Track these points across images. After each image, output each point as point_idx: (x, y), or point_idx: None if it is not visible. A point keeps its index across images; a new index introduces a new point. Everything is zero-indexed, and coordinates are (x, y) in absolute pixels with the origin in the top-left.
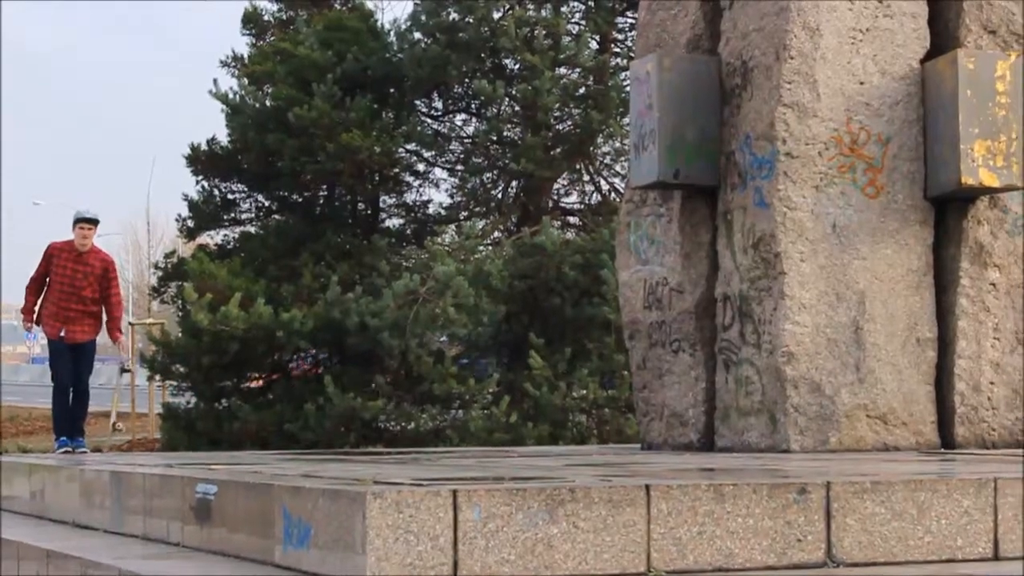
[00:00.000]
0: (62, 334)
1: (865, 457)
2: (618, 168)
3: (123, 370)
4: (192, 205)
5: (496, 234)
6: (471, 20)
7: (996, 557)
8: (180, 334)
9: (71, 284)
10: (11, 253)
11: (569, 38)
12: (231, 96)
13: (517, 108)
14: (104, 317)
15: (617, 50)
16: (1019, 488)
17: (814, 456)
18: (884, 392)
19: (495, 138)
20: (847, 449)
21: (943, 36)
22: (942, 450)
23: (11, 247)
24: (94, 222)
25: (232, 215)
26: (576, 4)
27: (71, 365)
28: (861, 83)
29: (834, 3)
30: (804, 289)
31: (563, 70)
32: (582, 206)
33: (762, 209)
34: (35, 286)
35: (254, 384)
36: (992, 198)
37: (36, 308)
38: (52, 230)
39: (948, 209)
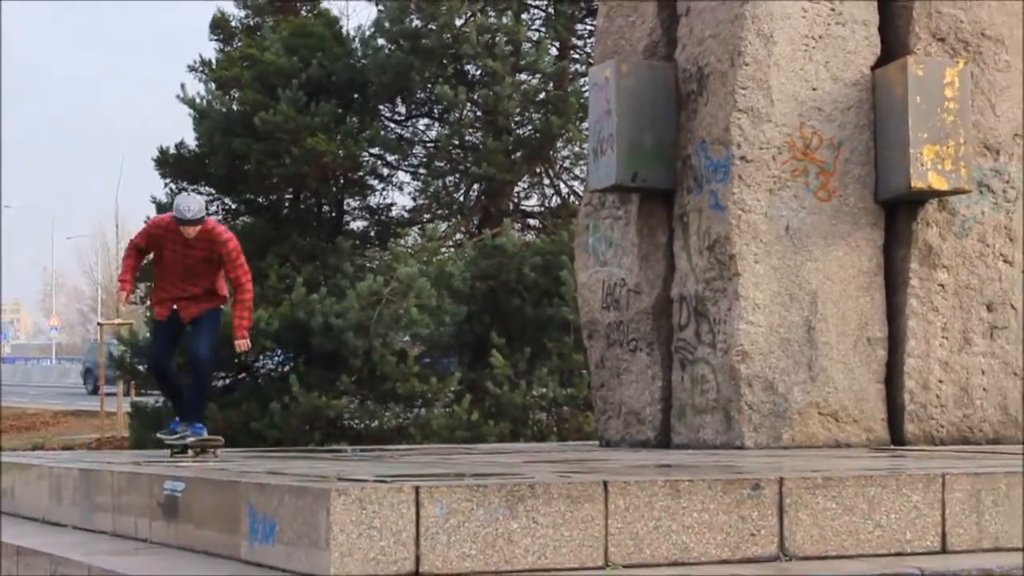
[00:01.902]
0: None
1: (817, 453)
2: (577, 172)
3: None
4: (160, 207)
5: (458, 236)
6: (434, 27)
7: (944, 550)
8: (148, 335)
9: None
10: None
11: (529, 45)
12: (198, 101)
13: (479, 113)
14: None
15: (576, 56)
16: (966, 483)
17: (768, 452)
18: (836, 390)
19: (457, 142)
20: (800, 446)
21: (893, 43)
22: (892, 446)
23: None
24: (194, 222)
25: None
26: (536, 11)
27: (169, 347)
28: (814, 89)
29: (788, 11)
30: (758, 290)
31: (524, 76)
32: (542, 209)
33: (717, 212)
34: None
35: (221, 384)
36: (941, 201)
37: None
38: (24, 231)
39: (898, 212)
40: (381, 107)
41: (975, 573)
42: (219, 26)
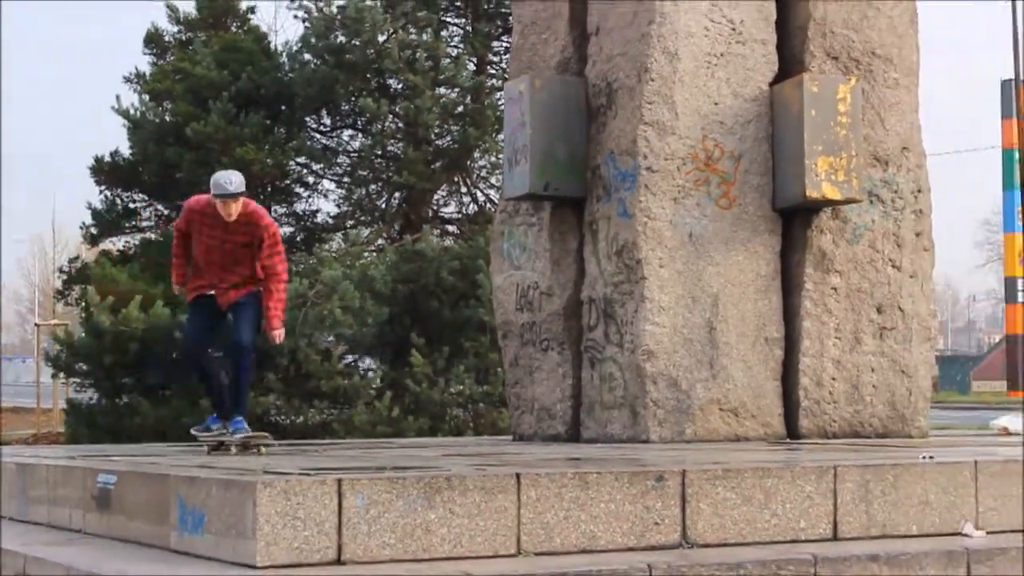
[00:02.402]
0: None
1: (718, 447)
2: (493, 180)
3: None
4: (95, 213)
5: (380, 241)
6: (358, 43)
7: (835, 538)
8: (83, 334)
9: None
10: None
11: (448, 60)
12: (132, 112)
13: (400, 124)
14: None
15: (493, 71)
16: (856, 475)
17: (671, 446)
18: (735, 387)
19: (379, 152)
20: (701, 440)
21: (790, 61)
22: (788, 440)
23: None
24: (235, 195)
25: (133, 223)
26: (455, 29)
27: (208, 322)
28: (716, 104)
29: (691, 30)
30: (663, 293)
31: (443, 90)
32: (460, 215)
33: (625, 219)
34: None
35: (153, 381)
36: (834, 210)
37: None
38: None
39: (794, 219)
40: (307, 119)
41: (864, 558)
42: (153, 40)
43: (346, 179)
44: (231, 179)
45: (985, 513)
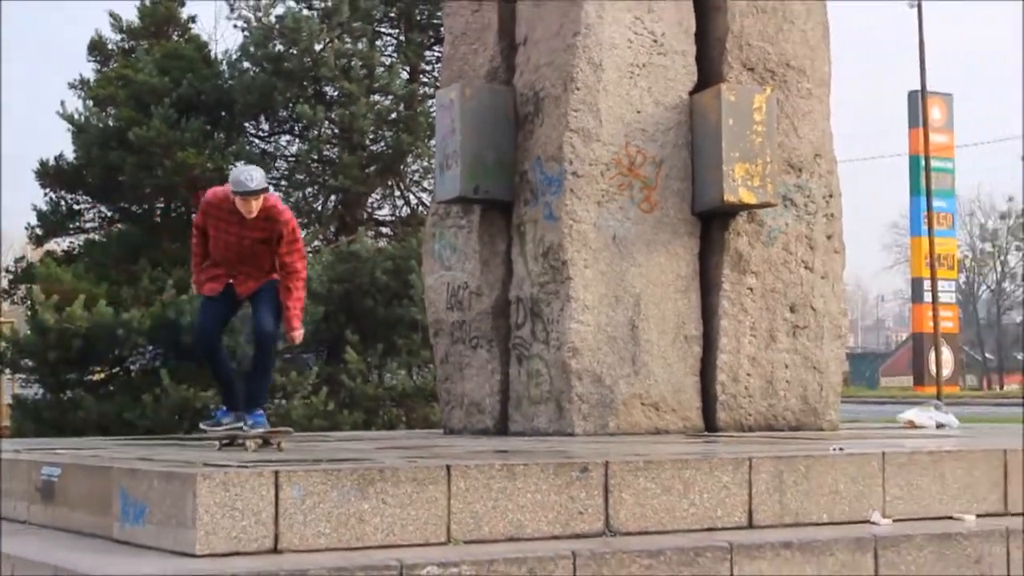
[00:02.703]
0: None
1: (639, 440)
2: (425, 184)
3: None
4: (41, 215)
5: (316, 243)
6: (295, 51)
7: (751, 525)
8: (28, 332)
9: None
10: None
11: (382, 69)
12: (77, 116)
13: (336, 130)
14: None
15: (425, 80)
16: (770, 466)
17: (595, 439)
18: (656, 383)
19: (316, 157)
20: (624, 433)
21: (709, 71)
22: (706, 433)
23: None
24: (256, 193)
25: (77, 224)
26: (389, 39)
27: (218, 320)
28: (638, 112)
29: (615, 41)
30: (587, 292)
31: (377, 97)
32: (393, 218)
33: (551, 222)
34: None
35: (96, 377)
36: (750, 213)
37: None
38: None
39: (712, 223)
40: (246, 124)
41: (777, 545)
42: (96, 48)
43: (284, 183)
44: (252, 175)
45: (892, 502)
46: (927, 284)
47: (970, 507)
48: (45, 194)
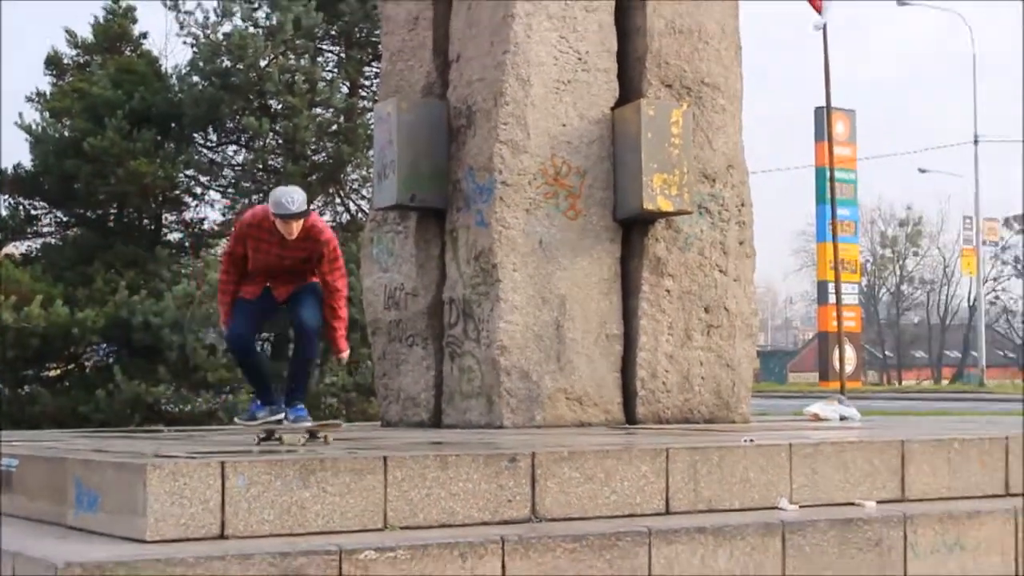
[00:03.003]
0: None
1: (564, 432)
2: (364, 192)
3: None
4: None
5: None
6: (241, 67)
7: (668, 512)
8: None
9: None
10: None
11: (324, 84)
12: (35, 127)
13: (280, 141)
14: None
15: (364, 94)
16: (686, 456)
17: (523, 431)
18: (580, 378)
19: (261, 166)
20: (550, 425)
21: (629, 88)
22: (626, 426)
23: None
24: (298, 216)
25: (35, 229)
26: (330, 55)
27: (254, 321)
28: (564, 125)
29: (542, 59)
30: (516, 294)
31: (319, 110)
32: (334, 224)
33: (482, 228)
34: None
35: (53, 373)
36: (668, 220)
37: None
38: None
39: (633, 229)
40: (195, 135)
41: (692, 530)
42: (53, 63)
43: (230, 190)
44: (293, 197)
45: (798, 489)
46: (832, 287)
47: (871, 494)
48: (4, 200)
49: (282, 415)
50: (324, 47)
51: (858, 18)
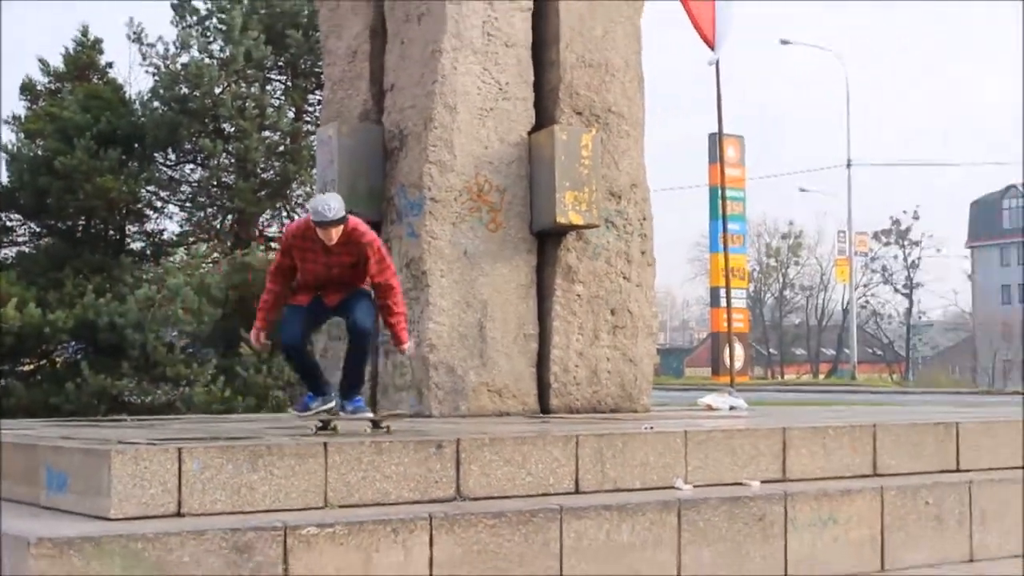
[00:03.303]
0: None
1: (486, 421)
2: (309, 207)
3: None
4: None
5: (215, 255)
6: (198, 94)
7: (577, 491)
8: None
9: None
10: None
11: (272, 109)
12: (11, 147)
13: (232, 160)
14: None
15: (308, 119)
16: (594, 442)
17: (449, 420)
18: (500, 373)
19: (215, 183)
20: (473, 415)
21: (544, 115)
22: (541, 415)
23: None
24: (336, 223)
25: (10, 238)
26: (278, 84)
27: (305, 324)
28: (486, 148)
29: (467, 88)
30: (443, 298)
31: (267, 133)
32: (280, 234)
33: (413, 239)
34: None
35: (27, 368)
36: (578, 233)
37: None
38: None
39: (547, 240)
40: (156, 155)
41: (599, 507)
42: (27, 89)
43: (188, 204)
44: (330, 205)
45: (693, 471)
46: (723, 292)
47: (756, 474)
48: None
49: (333, 403)
50: (272, 76)
51: (747, 54)
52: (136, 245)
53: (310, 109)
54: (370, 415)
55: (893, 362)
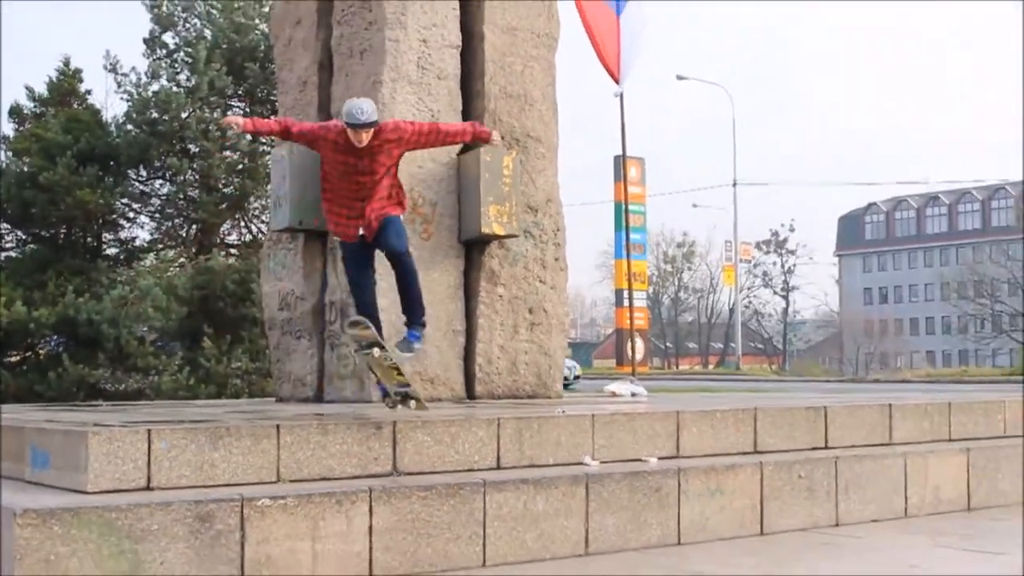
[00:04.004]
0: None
1: None
2: (263, 218)
3: None
4: None
5: (181, 260)
6: (167, 118)
7: (499, 467)
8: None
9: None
10: None
11: (232, 131)
12: (0, 164)
13: (196, 177)
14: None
15: (264, 141)
16: (514, 424)
17: None
18: (432, 363)
19: (182, 197)
20: None
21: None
22: (467, 400)
23: None
24: (367, 126)
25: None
26: (237, 109)
27: (365, 261)
28: (420, 167)
29: (404, 115)
30: (383, 297)
31: (228, 152)
32: (239, 242)
33: None
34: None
35: (14, 359)
36: (501, 242)
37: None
38: None
39: (473, 248)
40: (129, 171)
41: (517, 481)
42: (15, 113)
43: (157, 215)
44: (363, 108)
45: (599, 449)
46: (626, 293)
47: (654, 452)
48: None
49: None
50: (233, 103)
51: (648, 87)
52: (111, 251)
53: None
54: (413, 352)
55: (772, 354)
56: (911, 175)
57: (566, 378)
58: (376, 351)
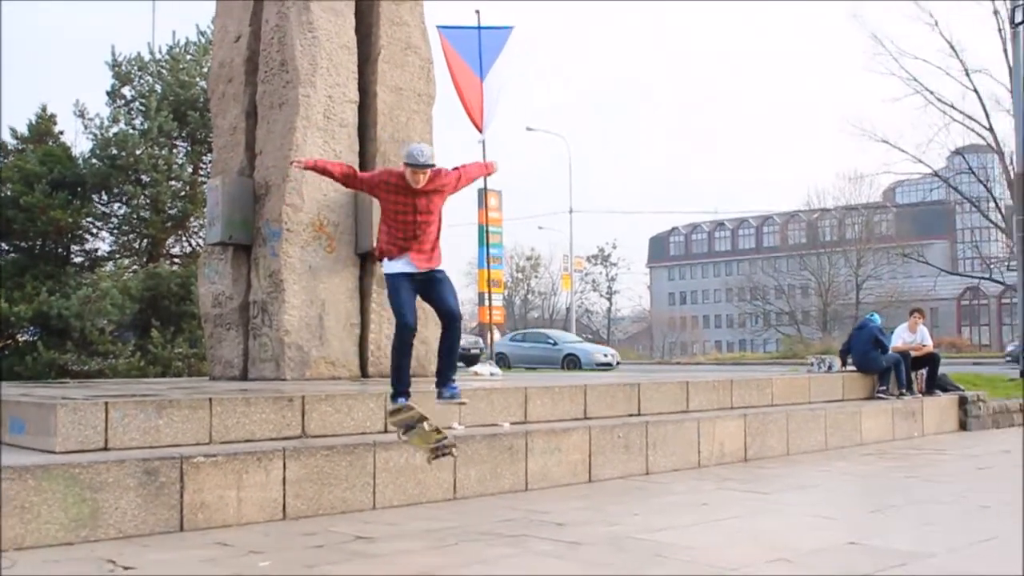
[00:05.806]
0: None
1: (324, 383)
2: (201, 234)
3: None
4: None
5: (135, 267)
6: (124, 154)
7: (385, 431)
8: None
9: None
10: None
11: (177, 165)
12: None
13: (148, 201)
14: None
15: (202, 173)
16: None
17: (298, 383)
18: (333, 350)
19: (135, 217)
20: (315, 379)
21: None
22: (362, 379)
23: None
24: (426, 166)
25: None
26: (181, 148)
27: (413, 297)
28: (325, 195)
29: (313, 154)
30: (295, 298)
31: (173, 182)
32: (182, 254)
33: (274, 257)
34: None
35: None
36: None
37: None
38: None
39: (367, 259)
40: (94, 196)
41: (400, 441)
42: (0, 148)
43: (115, 231)
44: (423, 150)
45: (466, 416)
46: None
47: (507, 418)
48: None
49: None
50: (177, 143)
51: (505, 134)
52: (78, 259)
53: (204, 166)
54: (462, 400)
55: (599, 343)
56: (704, 206)
57: (609, 364)
58: (425, 425)
